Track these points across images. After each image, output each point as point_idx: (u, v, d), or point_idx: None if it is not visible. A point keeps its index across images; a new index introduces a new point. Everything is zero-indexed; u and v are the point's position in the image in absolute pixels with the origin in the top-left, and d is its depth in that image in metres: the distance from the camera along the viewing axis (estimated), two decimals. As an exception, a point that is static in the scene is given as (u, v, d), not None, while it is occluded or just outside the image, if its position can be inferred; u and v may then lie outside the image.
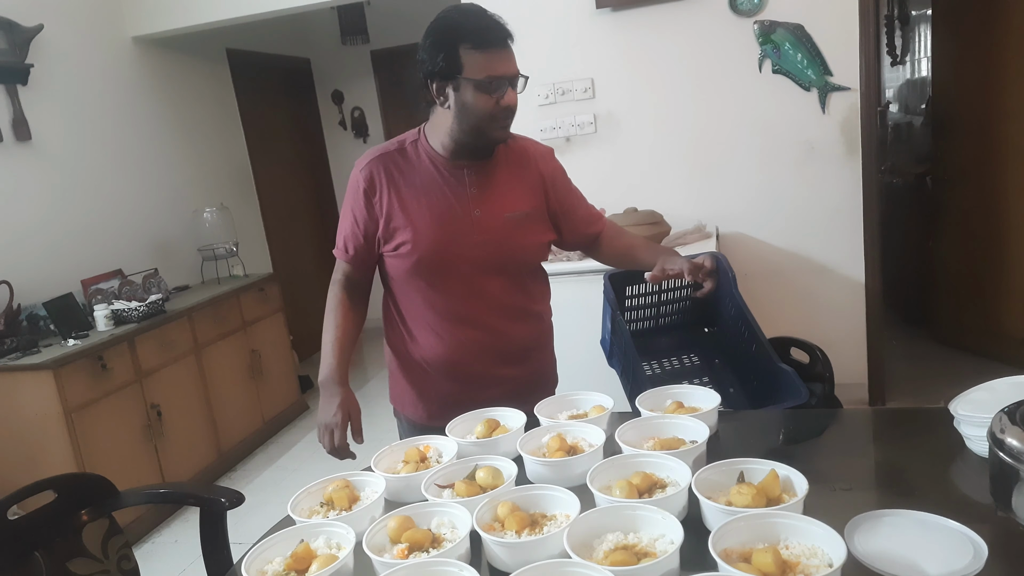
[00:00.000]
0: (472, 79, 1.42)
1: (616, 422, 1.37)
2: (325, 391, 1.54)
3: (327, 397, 1.53)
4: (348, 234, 1.59)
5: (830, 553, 0.92)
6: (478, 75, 1.42)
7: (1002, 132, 3.45)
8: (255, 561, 1.09)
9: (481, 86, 1.42)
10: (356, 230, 1.58)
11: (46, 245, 3.31)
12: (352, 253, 1.60)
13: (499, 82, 1.43)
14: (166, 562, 2.89)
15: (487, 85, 1.42)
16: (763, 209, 3.24)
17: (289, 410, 4.28)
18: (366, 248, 1.59)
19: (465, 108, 1.45)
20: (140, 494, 1.79)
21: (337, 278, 1.63)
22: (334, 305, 1.61)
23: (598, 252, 1.78)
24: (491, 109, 1.44)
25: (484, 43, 1.41)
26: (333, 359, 1.55)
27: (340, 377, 1.54)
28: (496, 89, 1.43)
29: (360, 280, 1.64)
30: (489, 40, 1.42)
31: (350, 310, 1.62)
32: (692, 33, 3.17)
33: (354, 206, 1.57)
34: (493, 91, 1.43)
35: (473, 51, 1.41)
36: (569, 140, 3.37)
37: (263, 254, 4.94)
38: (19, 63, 3.21)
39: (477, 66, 1.42)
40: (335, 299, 1.62)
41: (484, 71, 1.42)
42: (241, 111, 4.82)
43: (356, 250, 1.59)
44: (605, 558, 0.96)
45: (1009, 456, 0.96)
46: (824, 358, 2.17)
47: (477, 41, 1.41)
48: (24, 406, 2.80)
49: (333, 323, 1.59)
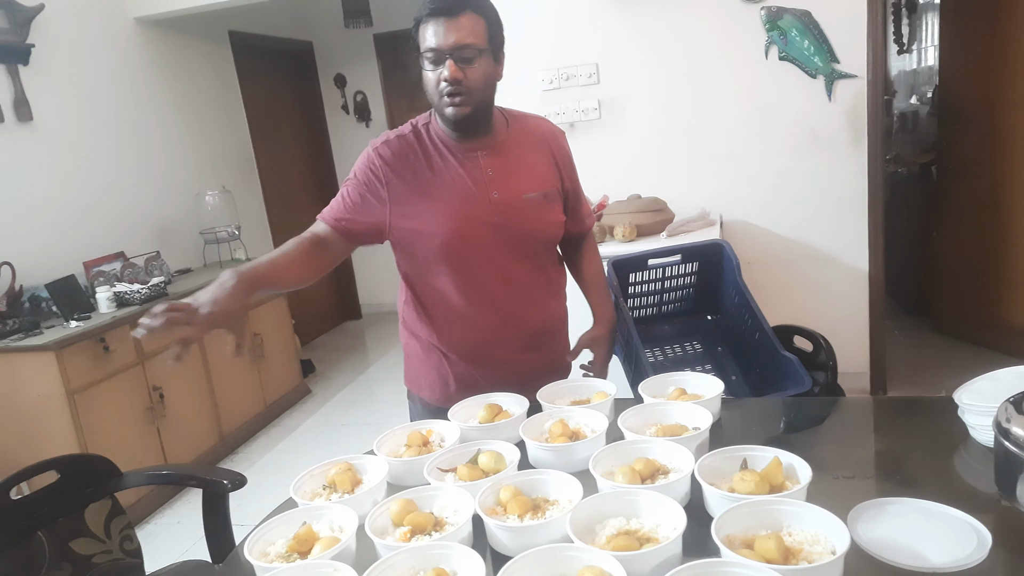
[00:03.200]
0: (421, 53, 1.41)
1: (619, 408, 1.36)
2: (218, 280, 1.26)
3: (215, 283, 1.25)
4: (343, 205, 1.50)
5: (833, 540, 0.92)
6: (422, 48, 1.40)
7: (1008, 123, 3.42)
8: (257, 543, 1.09)
9: (424, 59, 1.41)
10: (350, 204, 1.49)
11: (48, 226, 3.30)
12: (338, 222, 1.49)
13: (437, 53, 1.38)
14: (168, 543, 2.91)
15: (427, 59, 1.40)
16: (767, 197, 3.23)
17: (291, 393, 4.29)
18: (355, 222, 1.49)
19: (424, 83, 1.44)
20: (143, 475, 1.80)
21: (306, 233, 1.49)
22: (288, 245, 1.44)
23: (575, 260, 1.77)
24: (435, 82, 1.41)
25: (427, 14, 1.38)
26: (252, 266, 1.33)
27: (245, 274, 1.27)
28: (436, 61, 1.39)
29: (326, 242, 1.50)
30: (431, 10, 1.38)
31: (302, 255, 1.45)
32: (698, 18, 3.14)
33: (359, 183, 1.50)
34: (434, 63, 1.40)
35: (421, 24, 1.40)
36: (573, 126, 3.35)
37: (265, 237, 4.94)
38: (20, 43, 3.19)
39: (423, 39, 1.40)
40: (295, 240, 1.45)
41: (424, 44, 1.40)
42: (243, 94, 4.80)
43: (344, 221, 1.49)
44: (607, 543, 0.96)
45: (1015, 445, 0.96)
46: (827, 346, 2.16)
47: (424, 13, 1.39)
48: (26, 387, 2.81)
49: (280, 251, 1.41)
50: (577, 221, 1.71)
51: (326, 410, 4.19)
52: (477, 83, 1.42)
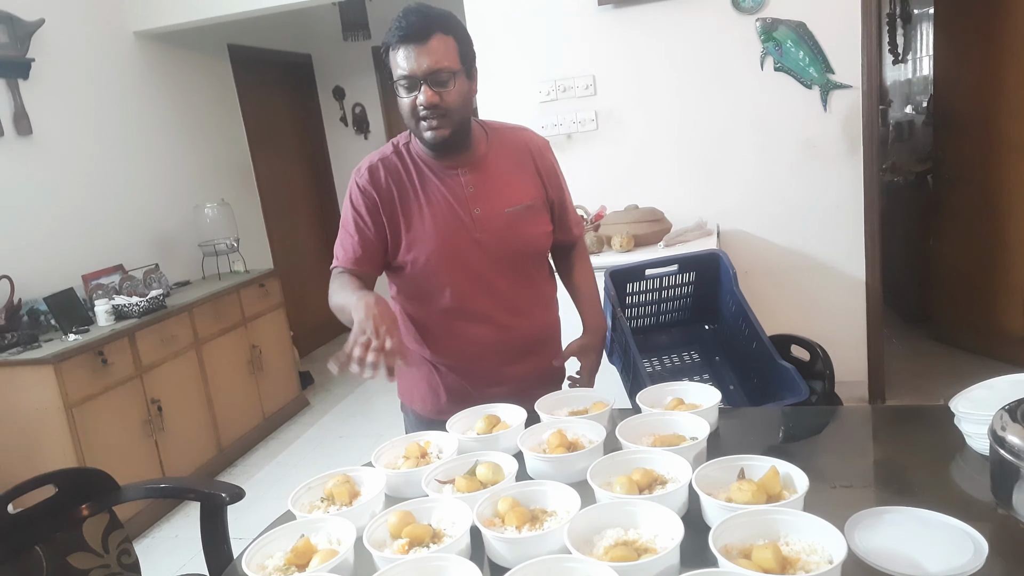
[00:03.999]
0: (394, 80, 1.41)
1: (616, 418, 1.37)
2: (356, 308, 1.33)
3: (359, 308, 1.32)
4: (351, 244, 1.53)
5: (830, 550, 0.92)
6: (396, 75, 1.40)
7: (1003, 131, 3.44)
8: (256, 556, 1.09)
9: (398, 86, 1.41)
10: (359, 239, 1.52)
11: (47, 240, 3.31)
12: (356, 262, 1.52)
13: (410, 80, 1.38)
14: (166, 557, 2.90)
15: (401, 85, 1.40)
16: (764, 207, 3.24)
17: (289, 406, 4.28)
18: (369, 256, 1.53)
19: (400, 109, 1.44)
20: (140, 489, 1.79)
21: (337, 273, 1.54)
22: (341, 282, 1.49)
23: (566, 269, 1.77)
24: (411, 109, 1.41)
25: (396, 41, 1.38)
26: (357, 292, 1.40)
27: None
28: (410, 88, 1.39)
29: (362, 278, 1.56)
30: (400, 37, 1.37)
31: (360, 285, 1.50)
32: (694, 30, 3.16)
33: (355, 214, 1.52)
34: (408, 90, 1.40)
35: (392, 51, 1.39)
36: (570, 137, 3.37)
37: (264, 250, 4.94)
38: (20, 57, 3.20)
39: (395, 66, 1.40)
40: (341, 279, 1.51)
41: (397, 70, 1.39)
42: (242, 106, 4.82)
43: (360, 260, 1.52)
44: (605, 554, 0.96)
45: (1010, 454, 0.96)
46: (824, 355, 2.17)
47: (392, 39, 1.39)
48: (24, 401, 2.80)
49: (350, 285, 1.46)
50: (564, 230, 1.71)
51: (324, 422, 4.19)
52: (454, 104, 1.42)
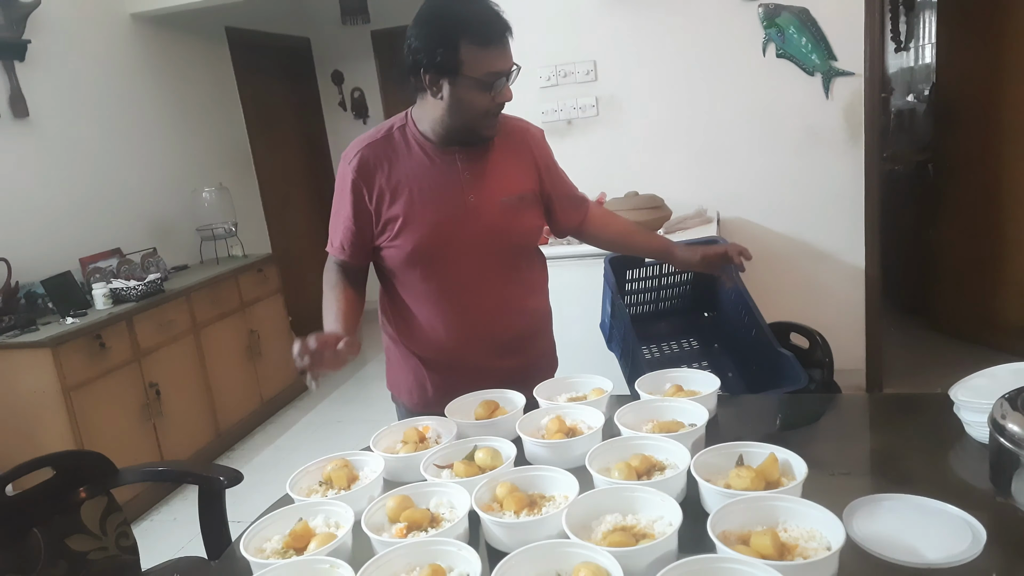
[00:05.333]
0: (472, 76, 1.38)
1: (615, 405, 1.36)
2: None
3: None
4: (342, 230, 1.53)
5: (828, 536, 0.92)
6: (478, 72, 1.38)
7: (1004, 121, 3.43)
8: (254, 539, 1.09)
9: (480, 84, 1.39)
10: (350, 225, 1.52)
11: (44, 223, 3.29)
12: (349, 250, 1.54)
13: (498, 79, 1.40)
14: (165, 539, 2.91)
15: (486, 83, 1.39)
16: (764, 194, 3.23)
17: (288, 390, 4.29)
18: (361, 242, 1.53)
19: (460, 103, 1.41)
20: (139, 472, 1.80)
21: (332, 264, 1.58)
22: (332, 283, 1.55)
23: (591, 237, 1.76)
24: (487, 106, 1.42)
25: (486, 40, 1.37)
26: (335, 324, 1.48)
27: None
28: (494, 86, 1.40)
29: (357, 268, 1.59)
30: (491, 37, 1.37)
31: (349, 288, 1.56)
32: (696, 15, 3.14)
33: (346, 200, 1.51)
34: (491, 88, 1.40)
35: (474, 48, 1.36)
36: (571, 123, 3.35)
37: (262, 234, 4.93)
38: (16, 39, 3.17)
39: (478, 63, 1.37)
40: (333, 278, 1.55)
41: (484, 68, 1.38)
42: (240, 90, 4.78)
43: (351, 247, 1.54)
44: (603, 539, 0.96)
45: (1010, 442, 0.96)
46: (824, 343, 2.17)
47: (480, 38, 1.36)
48: (22, 384, 2.80)
49: (333, 298, 1.52)
50: (567, 217, 1.68)
51: (323, 407, 4.19)
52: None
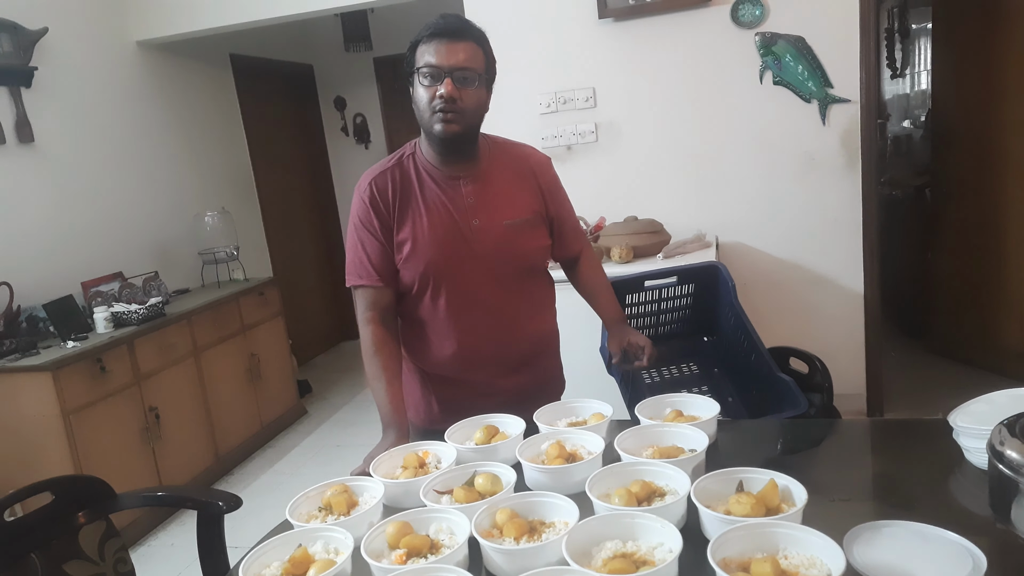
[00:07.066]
0: (416, 68, 1.44)
1: (615, 430, 1.36)
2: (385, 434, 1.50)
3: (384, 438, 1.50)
4: (368, 257, 1.54)
5: (829, 563, 0.92)
6: (418, 63, 1.44)
7: (1001, 145, 3.46)
8: (253, 565, 1.08)
9: (421, 74, 1.44)
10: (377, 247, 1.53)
11: (47, 247, 3.31)
12: (385, 274, 1.54)
13: (436, 71, 1.42)
14: (163, 565, 2.88)
15: (424, 74, 1.43)
16: (763, 219, 3.25)
17: (287, 414, 4.27)
18: (388, 264, 1.54)
19: (415, 101, 1.47)
20: (137, 497, 1.78)
21: (367, 316, 1.55)
22: (374, 345, 1.53)
23: (574, 277, 1.80)
24: (428, 98, 1.43)
25: (433, 34, 1.43)
26: (389, 404, 1.50)
27: (399, 421, 1.50)
28: (434, 78, 1.42)
29: (389, 304, 1.57)
30: (438, 32, 1.43)
31: (389, 343, 1.56)
32: (694, 44, 3.18)
33: (367, 227, 1.53)
34: (431, 79, 1.42)
35: (423, 44, 1.44)
36: (570, 149, 3.38)
37: (264, 258, 4.95)
38: (23, 65, 3.22)
39: (421, 57, 1.44)
40: (373, 339, 1.54)
41: (424, 60, 1.43)
42: (244, 116, 4.84)
43: (385, 270, 1.54)
44: (604, 566, 0.96)
45: (1008, 468, 0.96)
46: (823, 368, 2.17)
47: (426, 33, 1.44)
48: (22, 407, 2.79)
49: (379, 366, 1.52)
50: (563, 246, 1.72)
51: (322, 431, 4.18)
52: (470, 106, 1.45)
